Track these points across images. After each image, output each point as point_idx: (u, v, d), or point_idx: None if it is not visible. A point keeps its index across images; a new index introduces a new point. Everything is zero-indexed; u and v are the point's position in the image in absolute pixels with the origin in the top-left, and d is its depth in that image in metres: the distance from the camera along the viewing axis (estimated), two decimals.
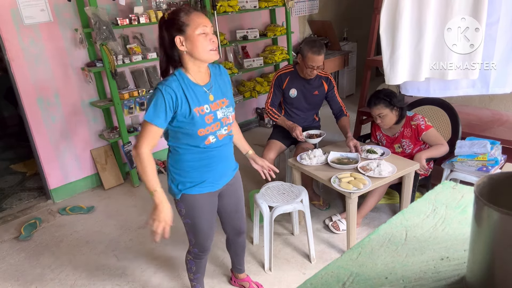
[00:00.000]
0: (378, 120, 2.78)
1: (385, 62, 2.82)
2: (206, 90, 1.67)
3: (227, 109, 1.74)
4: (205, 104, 1.65)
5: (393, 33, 2.73)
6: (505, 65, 2.63)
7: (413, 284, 0.97)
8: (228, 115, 1.75)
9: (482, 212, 0.81)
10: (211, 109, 1.67)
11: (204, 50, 1.58)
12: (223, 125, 1.73)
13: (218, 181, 1.85)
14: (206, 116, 1.65)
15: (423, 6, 2.60)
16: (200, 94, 1.65)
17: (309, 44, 2.83)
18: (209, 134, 1.68)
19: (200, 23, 1.56)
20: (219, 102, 1.71)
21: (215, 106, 1.69)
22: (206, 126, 1.66)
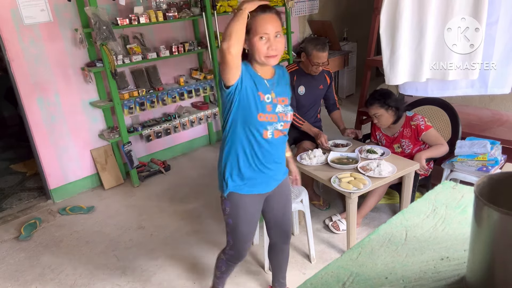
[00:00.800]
0: (375, 120, 2.80)
1: (385, 62, 2.82)
2: (267, 84, 1.66)
3: (286, 108, 1.71)
4: (267, 94, 1.64)
5: (393, 33, 2.73)
6: (505, 65, 2.63)
7: (413, 284, 0.97)
8: (287, 112, 1.71)
9: (482, 212, 0.81)
10: (272, 100, 1.65)
11: (260, 55, 1.56)
12: (280, 119, 1.69)
13: (269, 183, 1.80)
14: (267, 104, 1.63)
15: (423, 6, 2.59)
16: (263, 85, 1.64)
17: (313, 42, 2.88)
18: (266, 123, 1.64)
19: (262, 30, 1.53)
20: (279, 99, 1.69)
21: (276, 100, 1.67)
22: (266, 112, 1.63)
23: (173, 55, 3.88)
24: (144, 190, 3.75)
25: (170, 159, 4.34)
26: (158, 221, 3.21)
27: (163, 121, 4.05)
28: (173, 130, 4.08)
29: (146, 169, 4.02)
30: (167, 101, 3.95)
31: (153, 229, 3.10)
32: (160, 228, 3.11)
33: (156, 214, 3.32)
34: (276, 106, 1.67)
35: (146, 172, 3.97)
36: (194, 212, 3.30)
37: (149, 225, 3.16)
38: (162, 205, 3.46)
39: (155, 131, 3.93)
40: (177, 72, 4.24)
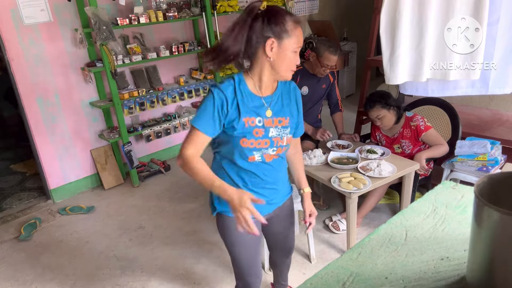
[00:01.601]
0: (377, 122, 2.78)
1: (385, 62, 2.82)
2: (264, 102, 1.48)
3: (283, 130, 1.52)
4: (258, 117, 1.46)
5: (393, 33, 2.73)
6: (505, 65, 2.63)
7: (413, 284, 0.97)
8: (282, 136, 1.53)
9: (482, 212, 0.81)
10: (264, 123, 1.47)
11: (287, 66, 1.41)
12: (273, 145, 1.51)
13: (262, 208, 1.52)
14: (256, 129, 1.46)
15: (424, 6, 2.59)
16: (256, 105, 1.46)
17: (326, 44, 2.86)
18: (253, 149, 1.48)
19: (297, 41, 1.39)
20: (276, 120, 1.50)
21: (270, 122, 1.48)
22: (252, 138, 1.46)
23: (173, 55, 3.88)
24: (144, 190, 3.75)
25: (170, 159, 4.34)
26: (158, 221, 3.21)
27: (163, 121, 4.05)
28: (173, 130, 4.08)
29: (146, 169, 4.02)
30: (167, 101, 3.95)
31: (153, 229, 3.10)
32: (160, 228, 3.11)
33: (156, 214, 3.32)
34: (269, 130, 1.48)
35: (146, 172, 3.97)
36: (194, 212, 3.30)
37: (149, 225, 3.16)
38: (162, 205, 3.46)
39: (155, 131, 3.93)
40: (177, 72, 4.24)
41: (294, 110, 1.58)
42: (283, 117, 1.52)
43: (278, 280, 2.17)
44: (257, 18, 1.36)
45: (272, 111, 1.49)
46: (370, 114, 2.79)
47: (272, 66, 1.42)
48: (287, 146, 1.58)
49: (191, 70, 4.31)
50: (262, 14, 1.37)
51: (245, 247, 1.65)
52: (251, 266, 1.71)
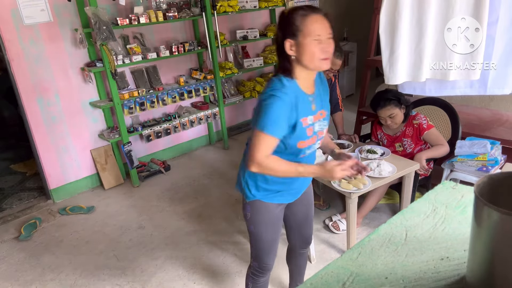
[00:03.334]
0: (388, 121, 2.76)
1: (385, 62, 2.82)
2: (310, 99, 1.54)
3: (323, 122, 1.60)
4: (309, 115, 1.52)
5: (392, 33, 2.73)
6: (505, 66, 2.63)
7: (413, 284, 0.97)
8: (323, 128, 1.61)
9: (482, 212, 0.81)
10: (313, 120, 1.54)
11: (313, 58, 1.43)
12: (318, 138, 1.59)
13: (296, 194, 1.75)
14: (308, 128, 1.52)
15: (424, 6, 2.59)
16: (307, 103, 1.52)
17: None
18: (306, 148, 1.56)
19: (314, 31, 1.40)
20: (319, 114, 1.57)
21: (316, 117, 1.55)
22: (307, 138, 1.53)
23: (173, 55, 3.88)
24: (144, 190, 3.75)
25: (170, 159, 4.34)
26: (158, 221, 3.21)
27: (163, 121, 4.05)
28: (173, 130, 4.08)
29: (146, 169, 4.02)
30: (167, 101, 3.95)
31: (153, 229, 3.10)
32: (160, 228, 3.11)
33: (156, 214, 3.32)
34: (314, 125, 1.55)
35: (146, 172, 3.97)
36: (194, 212, 3.30)
37: (149, 225, 3.16)
38: (162, 205, 3.46)
39: (155, 131, 3.94)
40: (177, 72, 4.24)
41: (327, 99, 1.66)
42: (324, 110, 1.61)
43: (295, 281, 2.16)
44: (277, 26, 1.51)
45: (316, 105, 1.56)
46: (382, 113, 2.75)
47: (299, 62, 1.47)
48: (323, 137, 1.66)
49: (191, 70, 4.31)
50: (279, 20, 1.50)
51: (276, 230, 1.77)
52: (271, 247, 1.80)
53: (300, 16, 1.42)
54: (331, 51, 1.46)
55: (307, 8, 1.44)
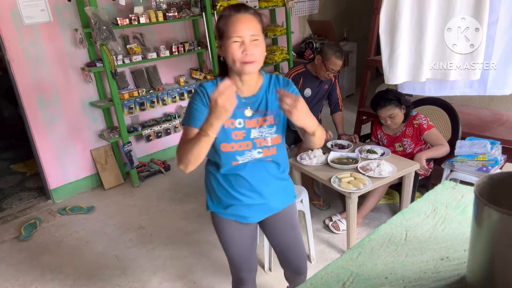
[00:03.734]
0: (388, 121, 2.76)
1: (384, 62, 2.82)
2: (243, 102, 1.42)
3: (268, 129, 1.44)
4: (238, 118, 1.41)
5: (392, 33, 2.73)
6: (505, 66, 2.62)
7: (413, 284, 0.97)
8: (266, 136, 1.45)
9: (482, 212, 0.81)
10: (244, 125, 1.42)
11: (234, 61, 1.33)
12: (256, 146, 1.44)
13: (248, 213, 1.56)
14: (235, 131, 1.41)
15: (424, 6, 2.59)
16: (237, 106, 1.36)
17: (333, 48, 2.86)
18: (235, 152, 1.43)
19: (234, 32, 1.31)
20: (260, 120, 1.43)
21: (251, 123, 1.43)
22: (232, 142, 1.42)
23: (173, 55, 3.88)
24: (144, 190, 3.75)
25: (170, 159, 4.34)
26: (158, 221, 3.21)
27: (163, 121, 4.05)
28: (173, 130, 4.08)
29: (146, 169, 4.02)
30: (167, 101, 3.95)
31: (153, 229, 3.10)
32: (160, 228, 3.11)
33: (156, 214, 3.32)
34: (250, 132, 1.42)
35: (146, 172, 3.97)
36: (194, 212, 3.30)
37: (149, 225, 3.16)
38: (162, 205, 3.46)
39: (155, 131, 3.93)
40: (177, 72, 4.24)
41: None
42: (269, 117, 1.44)
43: None
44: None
45: (252, 110, 1.43)
46: (382, 113, 2.75)
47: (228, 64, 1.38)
48: (275, 147, 1.48)
49: (191, 70, 4.31)
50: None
51: (236, 247, 1.66)
52: (243, 263, 1.72)
53: (223, 18, 1.35)
54: (258, 53, 1.33)
55: (232, 7, 1.35)
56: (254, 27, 1.33)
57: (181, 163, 1.35)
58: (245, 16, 1.33)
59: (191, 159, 1.31)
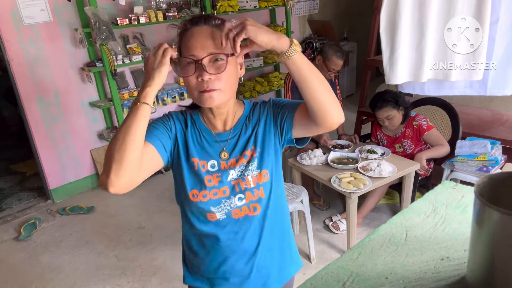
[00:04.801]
0: (386, 122, 2.77)
1: (385, 61, 2.82)
2: (217, 140, 1.11)
3: (247, 166, 1.09)
4: (211, 160, 1.09)
5: (392, 33, 2.73)
6: (506, 66, 2.62)
7: (413, 284, 0.97)
8: (246, 174, 1.09)
9: (482, 212, 0.81)
10: (219, 167, 1.09)
11: (188, 89, 1.02)
12: (236, 191, 1.09)
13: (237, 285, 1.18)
14: (208, 175, 1.08)
15: (424, 6, 2.59)
16: (210, 144, 1.11)
17: (334, 48, 2.87)
18: (208, 202, 1.08)
19: (187, 50, 0.99)
20: (240, 159, 1.10)
21: (229, 164, 1.10)
22: (204, 189, 1.07)
23: None
24: (144, 190, 3.75)
25: None
26: (158, 221, 3.21)
27: None
28: None
29: None
30: (167, 101, 3.95)
31: (153, 229, 3.10)
32: (160, 228, 3.10)
33: (156, 214, 3.32)
34: (228, 173, 1.09)
35: None
36: None
37: (149, 225, 3.16)
38: (162, 205, 3.46)
39: None
40: None
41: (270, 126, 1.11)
42: (247, 150, 1.10)
43: None
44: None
45: (228, 152, 1.11)
46: (380, 114, 2.76)
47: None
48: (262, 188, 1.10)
49: None
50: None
51: None
52: None
53: (179, 34, 1.04)
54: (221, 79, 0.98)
55: (190, 20, 1.03)
56: (214, 42, 0.97)
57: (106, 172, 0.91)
58: (202, 30, 0.99)
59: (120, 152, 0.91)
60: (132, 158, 0.92)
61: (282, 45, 0.91)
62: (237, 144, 1.11)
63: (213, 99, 0.99)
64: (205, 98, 0.99)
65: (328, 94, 0.98)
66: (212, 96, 0.99)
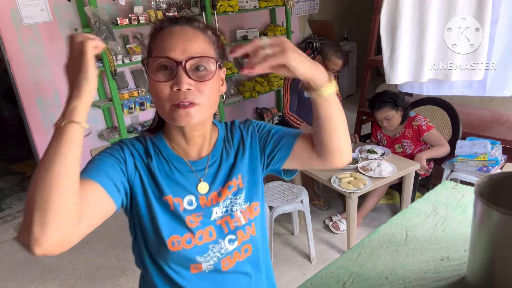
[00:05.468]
0: (384, 123, 2.77)
1: (385, 61, 2.82)
2: (193, 170, 0.89)
3: (234, 199, 0.91)
4: (187, 195, 0.88)
5: (393, 33, 2.73)
6: (505, 67, 2.61)
7: (413, 284, 0.97)
8: (235, 209, 0.90)
9: (482, 212, 0.81)
10: (198, 204, 0.88)
11: (161, 102, 0.79)
12: (225, 232, 0.89)
13: None
14: (189, 215, 0.86)
15: (424, 6, 2.59)
16: (183, 175, 0.88)
17: (333, 48, 2.87)
18: (193, 250, 0.85)
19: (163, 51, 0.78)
20: (223, 191, 0.90)
21: (210, 198, 0.89)
22: (187, 232, 0.85)
23: None
24: None
25: None
26: None
27: None
28: None
29: None
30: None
31: None
32: None
33: None
34: (211, 212, 0.88)
35: None
36: None
37: None
38: None
39: None
40: None
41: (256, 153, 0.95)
42: (231, 180, 0.91)
43: None
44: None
45: (208, 183, 0.90)
46: (378, 114, 2.76)
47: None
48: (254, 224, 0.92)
49: None
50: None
51: None
52: None
53: (151, 33, 0.84)
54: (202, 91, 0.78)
55: (168, 19, 0.84)
56: (198, 47, 0.79)
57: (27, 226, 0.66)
58: (184, 30, 0.80)
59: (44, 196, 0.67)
60: (64, 204, 0.67)
61: (320, 80, 0.78)
62: (218, 173, 0.90)
63: (190, 117, 0.78)
64: (179, 115, 0.77)
65: (346, 133, 0.87)
66: (190, 112, 0.77)
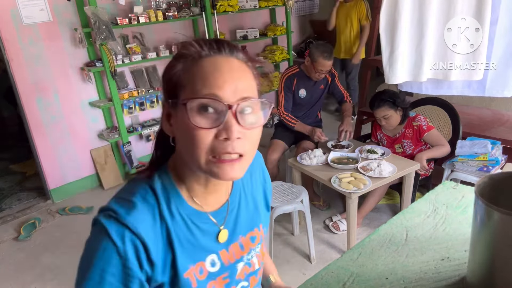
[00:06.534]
0: (383, 122, 2.76)
1: (385, 61, 2.82)
2: (215, 221, 0.76)
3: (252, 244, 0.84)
4: (208, 255, 0.76)
5: (393, 33, 2.72)
6: (505, 67, 2.61)
7: (413, 285, 0.97)
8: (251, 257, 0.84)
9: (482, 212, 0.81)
10: (222, 262, 0.78)
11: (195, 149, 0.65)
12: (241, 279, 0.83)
13: None
14: (213, 280, 0.77)
15: (424, 6, 2.59)
16: (204, 232, 0.75)
17: (320, 49, 2.82)
18: None
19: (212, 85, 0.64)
20: (246, 244, 0.82)
21: (232, 252, 0.80)
22: None
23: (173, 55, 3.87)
24: None
25: None
26: None
27: None
28: None
29: None
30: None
31: None
32: None
33: None
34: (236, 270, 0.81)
35: None
36: None
37: None
38: None
39: (155, 131, 3.93)
40: None
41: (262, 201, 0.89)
42: (253, 231, 0.84)
43: None
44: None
45: (229, 232, 0.78)
46: (377, 113, 2.76)
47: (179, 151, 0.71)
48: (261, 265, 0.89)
49: None
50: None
51: None
52: None
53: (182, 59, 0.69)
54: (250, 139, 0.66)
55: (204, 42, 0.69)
56: (246, 84, 0.66)
57: None
58: (231, 62, 0.67)
59: None
60: None
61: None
62: (237, 220, 0.80)
63: (235, 172, 0.65)
64: (224, 170, 0.65)
65: None
66: (236, 168, 0.65)
